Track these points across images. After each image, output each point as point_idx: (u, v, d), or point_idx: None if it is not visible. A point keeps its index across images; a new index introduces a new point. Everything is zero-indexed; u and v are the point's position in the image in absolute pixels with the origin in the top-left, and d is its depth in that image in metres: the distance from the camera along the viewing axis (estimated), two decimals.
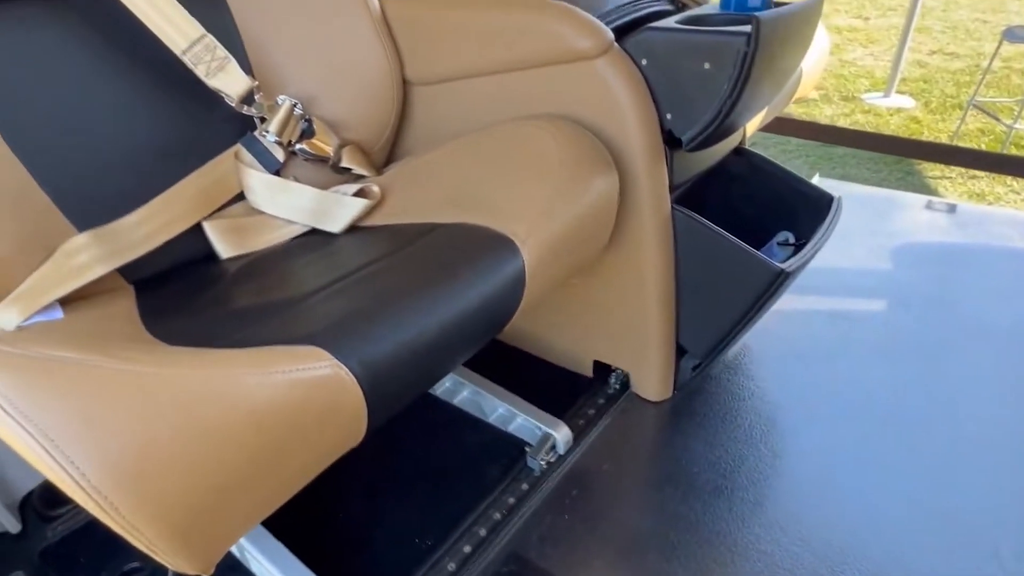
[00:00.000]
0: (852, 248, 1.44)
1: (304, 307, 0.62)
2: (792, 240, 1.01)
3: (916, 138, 3.33)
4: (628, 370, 1.05)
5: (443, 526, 0.85)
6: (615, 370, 1.07)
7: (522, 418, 0.99)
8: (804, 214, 1.01)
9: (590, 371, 1.10)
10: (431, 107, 0.99)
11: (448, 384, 1.08)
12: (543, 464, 0.93)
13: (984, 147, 3.25)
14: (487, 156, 0.84)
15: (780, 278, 0.86)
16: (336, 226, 0.81)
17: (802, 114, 3.76)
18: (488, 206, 0.74)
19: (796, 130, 2.48)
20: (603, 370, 1.08)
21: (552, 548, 0.82)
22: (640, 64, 0.83)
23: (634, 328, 0.99)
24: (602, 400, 1.05)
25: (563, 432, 0.96)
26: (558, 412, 0.99)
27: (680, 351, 1.02)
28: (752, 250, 0.86)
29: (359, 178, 0.91)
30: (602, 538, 0.83)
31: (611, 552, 0.82)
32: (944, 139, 3.38)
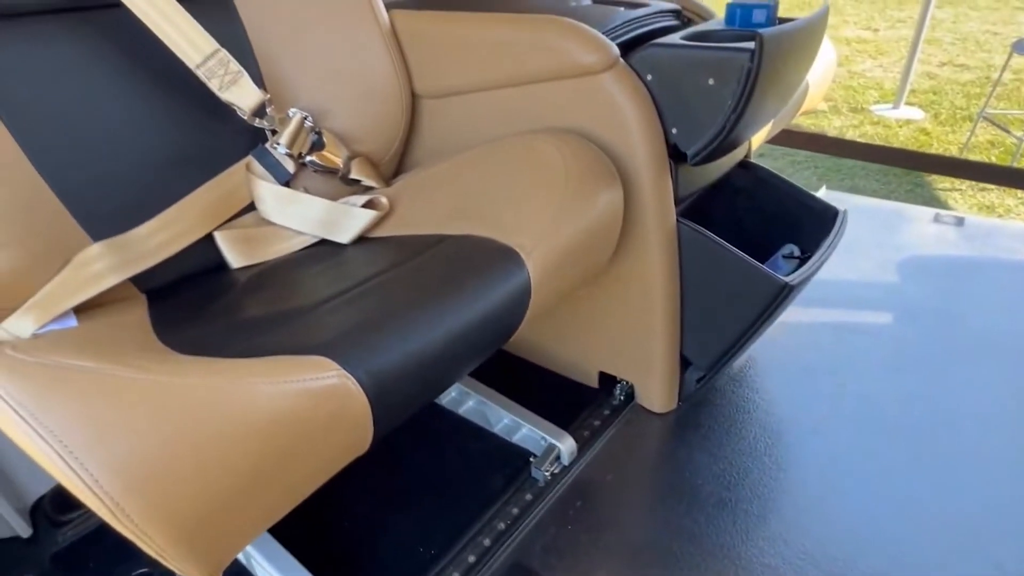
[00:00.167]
0: (859, 260, 1.44)
1: (313, 317, 0.63)
2: (797, 253, 1.01)
3: (925, 151, 3.32)
4: (633, 381, 1.06)
5: (447, 535, 0.86)
6: (620, 381, 1.07)
7: (527, 428, 0.99)
8: (809, 227, 1.01)
9: (595, 382, 1.10)
10: (439, 120, 1.01)
11: (454, 394, 1.08)
12: (547, 475, 0.93)
13: (994, 159, 3.24)
14: (494, 169, 0.85)
15: (784, 291, 0.86)
16: (345, 237, 0.82)
17: (811, 125, 3.76)
18: (495, 218, 0.76)
19: (804, 143, 2.47)
20: (608, 381, 1.08)
21: (556, 559, 0.83)
22: (645, 79, 0.84)
23: (639, 340, 0.99)
24: (607, 411, 1.05)
25: (568, 443, 0.96)
26: (563, 423, 1.00)
27: (685, 363, 1.02)
28: (756, 263, 0.87)
29: (368, 189, 0.92)
30: (605, 549, 0.84)
31: (614, 563, 0.82)
32: (954, 151, 3.37)
